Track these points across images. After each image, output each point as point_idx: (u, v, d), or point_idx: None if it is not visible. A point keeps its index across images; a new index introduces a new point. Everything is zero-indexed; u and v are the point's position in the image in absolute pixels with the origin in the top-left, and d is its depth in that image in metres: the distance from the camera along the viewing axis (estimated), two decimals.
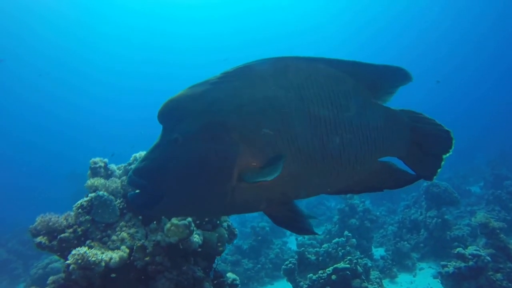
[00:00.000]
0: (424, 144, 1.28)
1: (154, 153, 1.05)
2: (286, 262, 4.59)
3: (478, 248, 4.31)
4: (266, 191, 1.06)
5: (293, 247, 7.21)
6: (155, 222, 1.81)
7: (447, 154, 1.27)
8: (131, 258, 1.74)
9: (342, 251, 4.63)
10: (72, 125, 31.06)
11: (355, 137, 1.16)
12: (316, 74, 1.13)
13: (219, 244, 2.01)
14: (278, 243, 7.01)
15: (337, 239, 5.04)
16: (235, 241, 2.31)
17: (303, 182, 1.12)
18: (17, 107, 30.28)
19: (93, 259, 1.53)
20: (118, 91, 33.22)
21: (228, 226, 2.16)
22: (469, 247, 4.37)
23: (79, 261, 1.51)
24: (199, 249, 1.88)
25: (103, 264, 1.56)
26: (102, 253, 1.62)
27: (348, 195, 6.87)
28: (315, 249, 4.81)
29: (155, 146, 1.07)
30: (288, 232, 9.34)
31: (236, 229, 2.24)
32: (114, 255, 1.63)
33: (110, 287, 1.77)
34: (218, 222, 2.08)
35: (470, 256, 4.11)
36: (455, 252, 4.25)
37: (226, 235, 2.07)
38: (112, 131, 30.26)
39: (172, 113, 1.05)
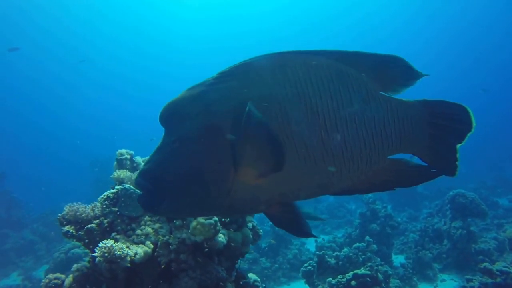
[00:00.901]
0: (443, 136, 1.17)
1: (156, 156, 1.07)
2: (306, 265, 4.53)
3: (507, 265, 4.10)
4: (264, 191, 1.04)
5: (312, 248, 7.14)
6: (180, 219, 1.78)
7: (461, 144, 1.14)
8: (155, 254, 1.72)
9: (363, 256, 4.53)
10: (94, 119, 31.94)
11: (358, 134, 1.09)
12: (316, 68, 1.08)
13: (243, 244, 1.97)
14: (296, 244, 6.93)
15: (357, 244, 4.93)
16: None
17: (302, 182, 1.07)
18: (45, 98, 31.35)
19: (119, 253, 1.53)
20: (141, 88, 33.77)
21: (253, 226, 2.12)
22: (497, 263, 4.17)
23: (106, 254, 1.51)
24: (223, 249, 1.84)
25: (128, 258, 1.55)
26: (127, 247, 1.62)
27: (371, 199, 6.76)
28: (335, 253, 4.72)
29: (158, 148, 1.08)
30: None
31: (261, 230, 2.20)
32: (139, 250, 1.61)
33: (133, 281, 1.76)
34: (242, 222, 2.04)
35: (498, 273, 3.91)
36: (482, 266, 4.07)
37: (251, 236, 2.03)
38: (132, 127, 30.88)
39: (171, 116, 1.06)
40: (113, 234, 1.77)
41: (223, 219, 1.89)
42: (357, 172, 1.11)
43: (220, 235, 1.75)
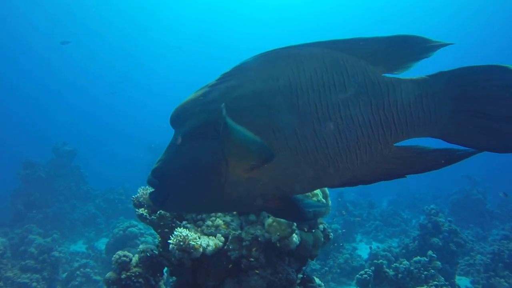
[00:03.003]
0: (477, 110, 1.02)
1: (164, 154, 1.13)
2: (361, 272, 4.30)
3: None
4: (259, 184, 1.04)
5: (363, 254, 6.87)
6: (254, 214, 1.70)
7: None
8: (225, 247, 1.65)
9: (425, 273, 4.17)
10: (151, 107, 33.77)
11: (353, 121, 1.03)
12: (309, 59, 1.06)
13: (314, 246, 1.84)
14: (348, 248, 6.66)
15: (418, 258, 4.56)
16: None
17: (295, 173, 1.05)
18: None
19: (193, 243, 1.48)
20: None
21: (324, 228, 1.98)
22: None
23: (181, 243, 1.47)
24: (294, 250, 1.73)
25: (201, 249, 1.50)
26: (199, 237, 1.57)
27: (433, 211, 6.31)
28: (394, 264, 4.41)
29: (167, 148, 1.14)
30: (358, 238, 8.93)
31: (332, 234, 2.05)
32: (211, 242, 1.55)
33: (199, 271, 1.71)
34: (314, 223, 1.91)
35: None
36: None
37: (322, 238, 1.90)
38: None
39: (178, 117, 1.12)
40: (184, 222, 1.74)
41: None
42: (357, 163, 1.05)
43: (294, 235, 1.63)
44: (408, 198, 13.20)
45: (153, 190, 1.14)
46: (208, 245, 1.53)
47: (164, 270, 2.22)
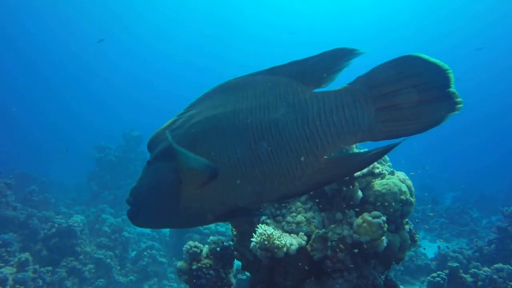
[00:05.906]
0: (404, 98, 1.07)
1: (140, 175, 1.28)
2: (434, 275, 4.00)
3: None
4: (207, 200, 1.15)
5: (428, 253, 6.47)
6: (340, 212, 1.58)
7: (449, 88, 1.03)
8: (307, 246, 1.56)
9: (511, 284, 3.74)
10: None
11: (282, 138, 1.12)
12: (252, 86, 1.19)
13: (400, 249, 1.69)
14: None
15: (500, 265, 4.12)
16: None
17: (237, 189, 1.15)
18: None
19: (278, 242, 1.40)
20: None
21: (410, 229, 1.81)
22: None
23: (266, 242, 1.40)
24: (380, 252, 1.59)
25: (285, 249, 1.42)
26: (282, 236, 1.49)
27: (509, 211, 5.74)
28: (473, 269, 4.03)
29: (143, 169, 1.28)
30: (421, 235, 8.42)
31: (417, 235, 1.87)
32: (294, 241, 1.46)
33: (276, 269, 1.65)
34: (400, 223, 1.75)
35: None
36: None
37: (409, 241, 1.73)
38: None
39: (151, 143, 1.27)
40: (263, 217, 1.67)
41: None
42: (289, 177, 1.12)
43: (384, 237, 1.50)
44: (475, 196, 12.16)
45: (130, 207, 1.27)
46: (291, 244, 1.45)
47: (234, 263, 2.21)
